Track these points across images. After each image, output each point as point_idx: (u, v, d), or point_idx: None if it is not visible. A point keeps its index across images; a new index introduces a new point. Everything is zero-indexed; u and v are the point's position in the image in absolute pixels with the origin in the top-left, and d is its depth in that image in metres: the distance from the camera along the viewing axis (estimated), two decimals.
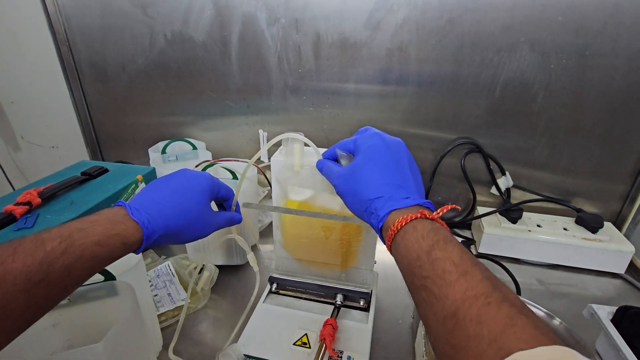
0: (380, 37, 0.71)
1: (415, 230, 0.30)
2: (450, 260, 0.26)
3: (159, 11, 0.78)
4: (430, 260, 0.27)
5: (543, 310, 0.48)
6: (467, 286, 0.25)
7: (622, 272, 0.68)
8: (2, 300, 0.25)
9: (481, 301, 0.23)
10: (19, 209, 0.49)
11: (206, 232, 0.41)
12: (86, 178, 0.61)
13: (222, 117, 0.86)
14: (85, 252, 0.29)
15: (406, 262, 0.29)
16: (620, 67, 0.65)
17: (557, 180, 0.76)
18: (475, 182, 0.78)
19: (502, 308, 0.23)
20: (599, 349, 0.52)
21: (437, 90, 0.73)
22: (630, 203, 0.74)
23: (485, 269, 0.26)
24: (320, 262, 0.54)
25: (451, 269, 0.26)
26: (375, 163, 0.35)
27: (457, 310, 0.24)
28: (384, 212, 0.32)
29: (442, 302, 0.25)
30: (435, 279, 0.26)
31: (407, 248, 0.29)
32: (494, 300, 0.23)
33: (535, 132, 0.72)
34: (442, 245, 0.28)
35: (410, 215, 0.30)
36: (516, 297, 0.25)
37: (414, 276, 0.28)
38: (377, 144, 0.37)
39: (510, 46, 0.66)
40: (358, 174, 0.36)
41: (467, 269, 0.26)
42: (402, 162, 0.36)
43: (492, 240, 0.71)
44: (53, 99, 0.93)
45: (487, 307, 0.23)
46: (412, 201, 0.32)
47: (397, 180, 0.34)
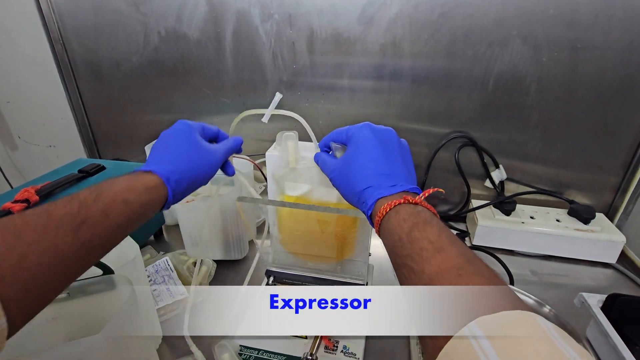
0: (373, 32, 0.71)
1: (397, 214, 0.32)
2: (428, 239, 0.28)
3: (152, 8, 0.78)
4: (410, 240, 0.29)
5: (532, 298, 0.49)
6: (442, 261, 0.26)
7: (613, 261, 0.69)
8: (52, 239, 0.27)
9: (453, 273, 0.25)
10: (17, 206, 0.50)
11: (215, 164, 0.44)
12: (83, 175, 0.61)
13: (217, 114, 0.87)
14: (117, 197, 0.31)
15: (390, 243, 0.31)
16: (612, 59, 0.65)
17: (550, 172, 0.77)
18: (470, 175, 0.79)
19: (472, 280, 0.25)
20: (590, 336, 0.53)
21: (431, 85, 0.73)
22: (622, 194, 0.75)
23: (461, 246, 0.28)
24: (316, 255, 0.55)
25: (428, 246, 0.28)
26: (365, 155, 0.37)
27: (431, 282, 0.26)
28: (372, 201, 0.34)
29: (420, 276, 0.27)
30: (414, 256, 0.28)
31: (391, 231, 0.31)
32: (465, 272, 0.25)
33: (528, 125, 0.73)
34: (422, 226, 0.30)
35: (394, 202, 0.32)
36: (488, 269, 0.26)
37: (396, 256, 0.30)
38: (366, 135, 0.38)
39: (502, 40, 0.67)
40: (349, 167, 0.38)
41: (443, 246, 0.27)
42: (391, 151, 0.38)
43: (486, 232, 0.72)
44: (49, 98, 0.93)
45: (458, 278, 0.25)
46: (399, 188, 0.34)
47: (385, 169, 0.36)
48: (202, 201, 0.59)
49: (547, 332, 0.21)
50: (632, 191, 0.73)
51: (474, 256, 0.27)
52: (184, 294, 0.57)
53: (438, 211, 0.33)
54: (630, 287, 0.66)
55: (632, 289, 0.65)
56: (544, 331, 0.21)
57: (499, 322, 0.21)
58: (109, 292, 0.39)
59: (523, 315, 0.22)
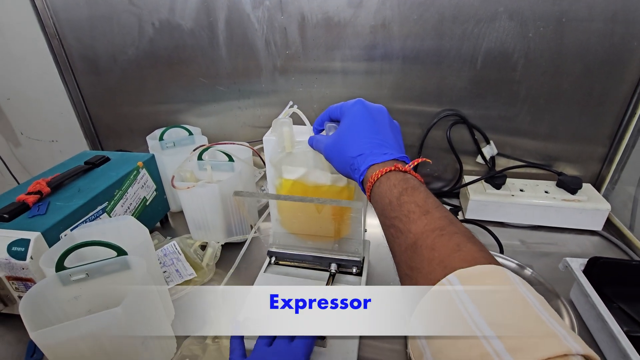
0: (363, 15, 0.72)
1: (388, 180, 0.34)
2: (415, 203, 0.31)
3: (145, 0, 0.79)
4: (399, 204, 0.32)
5: (515, 262, 0.52)
6: (427, 222, 0.30)
7: (599, 229, 0.72)
8: None
9: (436, 233, 0.28)
10: (31, 197, 0.53)
11: None
12: (90, 167, 0.64)
13: (214, 102, 0.89)
14: None
15: (380, 206, 0.34)
16: (596, 32, 0.67)
17: (540, 145, 0.79)
18: (462, 152, 0.82)
19: (452, 238, 0.28)
20: (573, 297, 0.57)
21: (421, 65, 0.75)
22: (609, 164, 0.77)
23: (444, 211, 0.31)
24: (314, 235, 0.59)
25: (415, 209, 0.31)
26: (357, 126, 0.40)
27: (416, 240, 0.29)
28: (364, 167, 0.37)
29: (406, 235, 0.30)
30: (402, 217, 0.31)
31: (381, 195, 0.34)
32: (447, 232, 0.28)
33: (517, 101, 0.75)
34: (410, 192, 0.33)
35: (386, 169, 0.35)
36: (467, 231, 0.30)
37: (385, 217, 0.34)
38: (359, 109, 0.41)
39: (489, 17, 0.68)
40: (343, 137, 0.40)
41: (429, 210, 0.31)
42: (382, 125, 0.41)
43: (477, 206, 0.75)
44: (49, 93, 0.95)
45: (440, 237, 0.28)
46: (389, 156, 0.37)
47: (377, 139, 0.39)
48: (202, 187, 0.62)
49: (513, 281, 0.25)
50: (617, 161, 0.75)
51: (455, 219, 0.31)
52: (192, 274, 0.60)
53: (433, 188, 0.36)
54: (615, 252, 0.69)
55: (617, 254, 0.69)
56: (510, 281, 0.25)
57: (473, 274, 0.25)
58: (124, 271, 0.43)
59: (494, 268, 0.25)
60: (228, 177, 0.64)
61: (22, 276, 0.48)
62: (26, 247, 0.46)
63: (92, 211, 0.56)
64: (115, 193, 0.61)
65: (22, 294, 0.50)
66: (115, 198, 0.61)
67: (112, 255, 0.42)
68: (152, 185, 0.71)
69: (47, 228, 0.48)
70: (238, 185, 0.66)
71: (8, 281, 0.49)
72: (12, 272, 0.48)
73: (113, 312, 0.35)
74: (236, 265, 0.61)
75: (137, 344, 0.40)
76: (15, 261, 0.46)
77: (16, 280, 0.49)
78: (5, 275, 0.48)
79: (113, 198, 0.61)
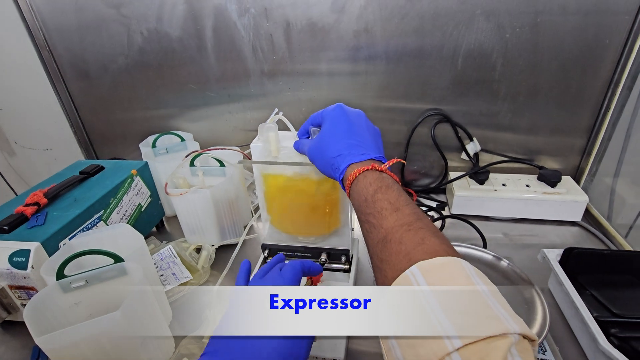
0: (346, 20, 0.74)
1: (365, 179, 0.37)
2: (388, 200, 0.34)
3: (133, 10, 0.80)
4: (373, 201, 0.35)
5: (492, 254, 0.55)
6: (397, 218, 0.33)
7: (578, 219, 0.75)
8: None
9: (404, 228, 0.31)
10: (29, 209, 0.55)
11: None
12: (85, 176, 0.66)
13: (205, 107, 0.91)
14: None
15: (357, 203, 0.37)
16: (570, 31, 0.69)
17: (521, 140, 0.82)
18: (446, 149, 0.84)
19: (418, 233, 0.31)
20: (550, 286, 0.60)
21: (405, 67, 0.77)
22: (587, 156, 0.80)
23: (414, 208, 0.34)
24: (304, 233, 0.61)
25: (387, 206, 0.34)
26: (337, 128, 0.43)
27: (387, 235, 0.32)
28: (344, 166, 0.40)
29: (378, 229, 0.33)
30: (375, 214, 0.34)
31: (358, 192, 0.37)
32: (414, 227, 0.31)
33: (498, 98, 0.78)
34: (384, 190, 0.35)
35: (363, 168, 0.38)
36: (433, 226, 0.33)
37: (361, 213, 0.37)
38: (338, 113, 0.44)
39: (467, 19, 0.70)
40: (324, 139, 0.43)
41: (399, 207, 0.34)
42: (360, 127, 0.44)
43: (462, 201, 0.78)
44: (41, 103, 0.96)
45: (407, 232, 0.31)
46: (367, 156, 0.40)
47: (355, 140, 0.41)
48: (195, 193, 0.64)
49: (467, 271, 0.28)
50: (595, 153, 0.78)
51: (423, 215, 0.34)
52: (188, 277, 0.63)
53: (420, 184, 0.38)
54: (593, 242, 0.73)
55: (596, 244, 0.72)
56: (464, 271, 0.28)
57: (433, 265, 0.28)
58: (122, 277, 0.45)
59: (451, 260, 0.29)
60: (220, 182, 0.66)
61: (24, 285, 0.50)
62: (27, 257, 0.48)
63: (88, 220, 0.58)
64: (110, 201, 0.63)
65: (24, 302, 0.53)
66: (110, 206, 0.63)
67: (110, 262, 0.45)
68: (146, 192, 0.73)
69: (46, 238, 0.50)
70: (230, 190, 0.68)
71: (11, 290, 0.51)
72: (14, 281, 0.50)
73: (113, 316, 0.38)
74: (230, 266, 0.63)
75: (137, 345, 0.43)
76: (17, 271, 0.49)
77: (18, 289, 0.51)
78: (8, 285, 0.51)
79: (109, 206, 0.63)
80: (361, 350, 0.52)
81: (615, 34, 0.68)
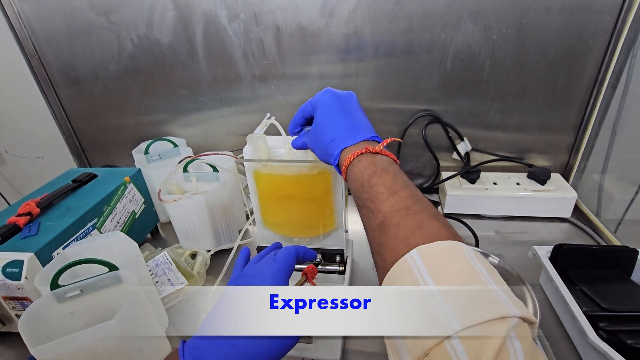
0: (335, 24, 0.75)
1: (360, 163, 0.37)
2: (384, 185, 0.34)
3: (122, 17, 0.80)
4: (370, 185, 0.35)
5: (478, 251, 0.56)
6: (394, 202, 0.32)
7: (568, 216, 0.77)
8: None
9: (402, 212, 0.31)
10: (22, 219, 0.55)
11: None
12: (77, 185, 0.66)
13: (197, 112, 0.91)
14: None
15: (354, 188, 0.37)
16: (556, 31, 0.71)
17: (511, 138, 0.83)
18: (438, 149, 0.85)
19: (416, 216, 0.31)
20: (542, 283, 0.61)
21: (394, 69, 0.78)
22: (575, 153, 0.82)
23: (411, 190, 0.34)
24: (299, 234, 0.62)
25: (384, 191, 0.34)
26: (328, 114, 0.42)
27: (385, 219, 0.32)
28: (337, 151, 0.39)
29: (376, 214, 0.33)
30: (372, 199, 0.34)
31: (354, 177, 0.37)
32: (412, 211, 0.31)
33: (487, 99, 0.79)
34: (379, 174, 0.35)
35: (357, 152, 0.37)
36: (433, 208, 0.32)
37: (358, 198, 0.36)
38: (328, 98, 0.43)
39: (455, 21, 0.72)
40: (318, 126, 0.42)
41: (396, 190, 0.33)
42: (352, 109, 0.43)
43: (454, 200, 0.79)
44: (31, 111, 0.95)
45: (405, 216, 0.31)
46: (360, 137, 0.39)
47: (348, 124, 0.41)
48: (189, 199, 0.64)
49: (467, 254, 0.28)
50: (583, 150, 0.80)
51: (421, 197, 0.33)
52: (184, 283, 0.63)
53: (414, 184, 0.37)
54: (583, 237, 0.74)
55: (585, 240, 0.73)
56: (464, 254, 0.28)
57: (432, 249, 0.28)
58: (117, 286, 0.45)
59: (451, 244, 0.29)
60: (213, 187, 0.67)
61: (18, 296, 0.50)
62: (20, 267, 0.48)
63: (82, 228, 0.58)
64: (104, 209, 0.63)
65: (19, 313, 0.52)
66: (104, 214, 0.63)
67: (104, 271, 0.45)
68: (140, 199, 0.73)
69: (39, 248, 0.50)
70: (224, 195, 0.69)
71: (5, 301, 0.51)
72: (8, 292, 0.50)
73: (108, 324, 0.38)
74: (225, 270, 0.64)
75: (133, 351, 0.43)
76: (10, 282, 0.49)
77: (12, 299, 0.51)
78: (2, 296, 0.51)
79: (102, 214, 0.63)
80: (357, 350, 0.53)
81: (599, 34, 0.70)
